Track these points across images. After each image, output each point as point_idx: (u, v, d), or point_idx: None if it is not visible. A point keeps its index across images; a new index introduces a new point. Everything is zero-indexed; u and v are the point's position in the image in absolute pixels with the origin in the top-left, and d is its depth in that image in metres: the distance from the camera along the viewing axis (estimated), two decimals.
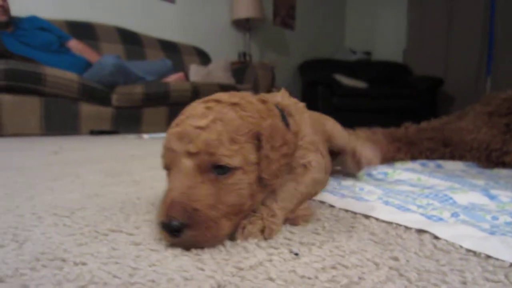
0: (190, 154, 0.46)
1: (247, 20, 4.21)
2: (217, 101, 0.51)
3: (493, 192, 0.83)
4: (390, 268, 0.42)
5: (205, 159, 0.46)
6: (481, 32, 4.50)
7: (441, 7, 4.79)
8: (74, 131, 2.55)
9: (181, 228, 0.43)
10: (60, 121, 2.49)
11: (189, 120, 0.48)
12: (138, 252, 0.44)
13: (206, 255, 0.44)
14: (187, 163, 0.46)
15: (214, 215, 0.44)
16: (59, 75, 2.42)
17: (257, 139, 0.50)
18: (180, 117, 0.50)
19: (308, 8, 5.28)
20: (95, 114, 2.65)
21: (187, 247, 0.45)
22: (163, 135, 2.55)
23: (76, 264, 0.40)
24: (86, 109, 2.60)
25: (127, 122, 2.81)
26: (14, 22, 2.68)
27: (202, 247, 0.45)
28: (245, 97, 0.54)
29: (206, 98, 0.53)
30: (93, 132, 2.61)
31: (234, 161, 0.47)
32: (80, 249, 0.44)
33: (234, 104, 0.50)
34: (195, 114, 0.49)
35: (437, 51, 4.84)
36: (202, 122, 0.47)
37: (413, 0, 5.06)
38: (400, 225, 0.58)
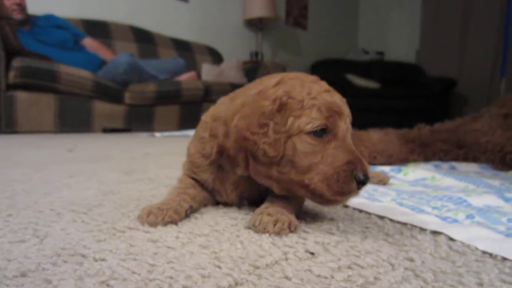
0: (347, 116, 0.58)
1: (259, 20, 4.21)
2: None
3: (508, 195, 0.82)
4: (406, 268, 0.42)
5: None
6: (496, 33, 4.43)
7: (455, 8, 4.72)
8: (87, 129, 2.59)
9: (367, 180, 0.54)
10: (73, 118, 2.53)
11: (333, 91, 0.59)
12: (155, 249, 0.44)
13: (223, 252, 0.44)
14: (343, 125, 0.57)
15: None
16: (73, 73, 2.46)
17: None
18: (317, 88, 0.57)
19: (321, 8, 5.26)
20: (108, 112, 2.68)
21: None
22: (175, 133, 2.58)
23: (96, 260, 0.41)
24: (100, 106, 2.63)
25: (139, 120, 2.84)
26: (30, 20, 2.73)
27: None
28: None
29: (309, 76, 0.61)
30: (106, 130, 2.64)
31: None
32: (99, 245, 0.45)
33: None
34: (329, 88, 0.59)
35: (450, 51, 4.78)
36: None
37: (427, 0, 5.00)
38: (415, 226, 0.58)
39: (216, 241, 0.48)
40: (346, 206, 0.70)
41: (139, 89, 2.78)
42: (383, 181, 0.98)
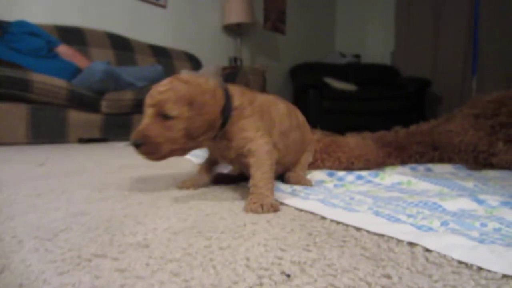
0: (151, 106, 0.77)
1: (238, 25, 4.20)
2: (177, 78, 0.80)
3: (482, 196, 0.83)
4: (383, 287, 0.41)
5: (158, 109, 0.77)
6: (466, 33, 4.55)
7: (427, 10, 4.84)
8: (62, 139, 2.52)
9: (140, 144, 0.76)
10: (47, 129, 2.45)
11: (156, 87, 0.79)
12: (123, 281, 0.42)
13: (195, 281, 0.42)
14: (149, 111, 0.78)
15: (159, 140, 0.76)
16: (47, 81, 2.39)
17: (191, 105, 0.77)
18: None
19: (298, 13, 5.29)
20: (84, 121, 2.61)
21: (144, 155, 0.77)
22: None
23: None
24: (75, 116, 2.56)
25: (116, 129, 2.78)
26: (2, 27, 2.63)
27: (152, 158, 0.78)
28: (198, 80, 0.81)
29: (173, 76, 0.81)
30: (82, 140, 2.57)
31: (173, 113, 0.76)
32: (61, 278, 0.42)
33: (185, 81, 0.79)
34: (161, 84, 0.79)
35: (423, 52, 4.88)
36: (161, 89, 0.78)
37: (400, 3, 5.10)
38: (392, 238, 0.57)
39: (188, 267, 0.46)
40: (324, 218, 0.69)
41: (116, 97, 2.72)
42: (302, 184, 1.03)
